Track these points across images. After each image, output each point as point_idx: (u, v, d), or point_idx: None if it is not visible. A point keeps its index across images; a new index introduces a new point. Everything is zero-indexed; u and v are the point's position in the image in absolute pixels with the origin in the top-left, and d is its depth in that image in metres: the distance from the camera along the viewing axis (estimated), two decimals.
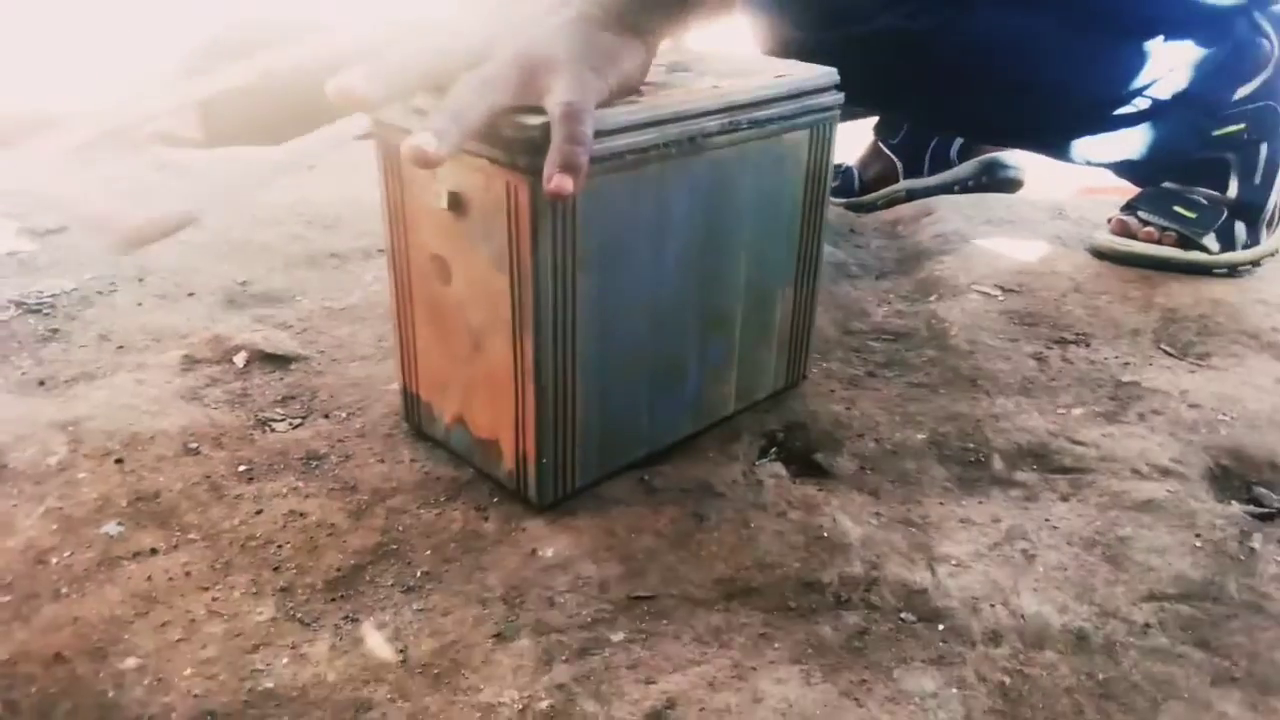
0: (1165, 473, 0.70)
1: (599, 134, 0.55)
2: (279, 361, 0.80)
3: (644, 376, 0.66)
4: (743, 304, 0.70)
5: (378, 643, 0.54)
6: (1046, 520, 0.66)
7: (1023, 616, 0.57)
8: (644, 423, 0.67)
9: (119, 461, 0.66)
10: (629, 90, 0.61)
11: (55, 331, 0.84)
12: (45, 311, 0.87)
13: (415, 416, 0.70)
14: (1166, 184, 1.05)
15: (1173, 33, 0.95)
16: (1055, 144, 1.06)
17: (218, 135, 1.39)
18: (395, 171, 0.62)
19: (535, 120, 0.54)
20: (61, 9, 1.81)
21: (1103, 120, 1.01)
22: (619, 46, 0.60)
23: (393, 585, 0.58)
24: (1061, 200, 1.25)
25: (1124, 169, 1.07)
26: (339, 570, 0.58)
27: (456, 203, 0.59)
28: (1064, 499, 0.68)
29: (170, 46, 1.57)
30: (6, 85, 1.45)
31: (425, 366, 0.67)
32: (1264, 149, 1.01)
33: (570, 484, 0.64)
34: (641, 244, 0.62)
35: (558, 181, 0.51)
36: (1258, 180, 1.01)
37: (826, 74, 0.70)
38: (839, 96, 0.70)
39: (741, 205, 0.67)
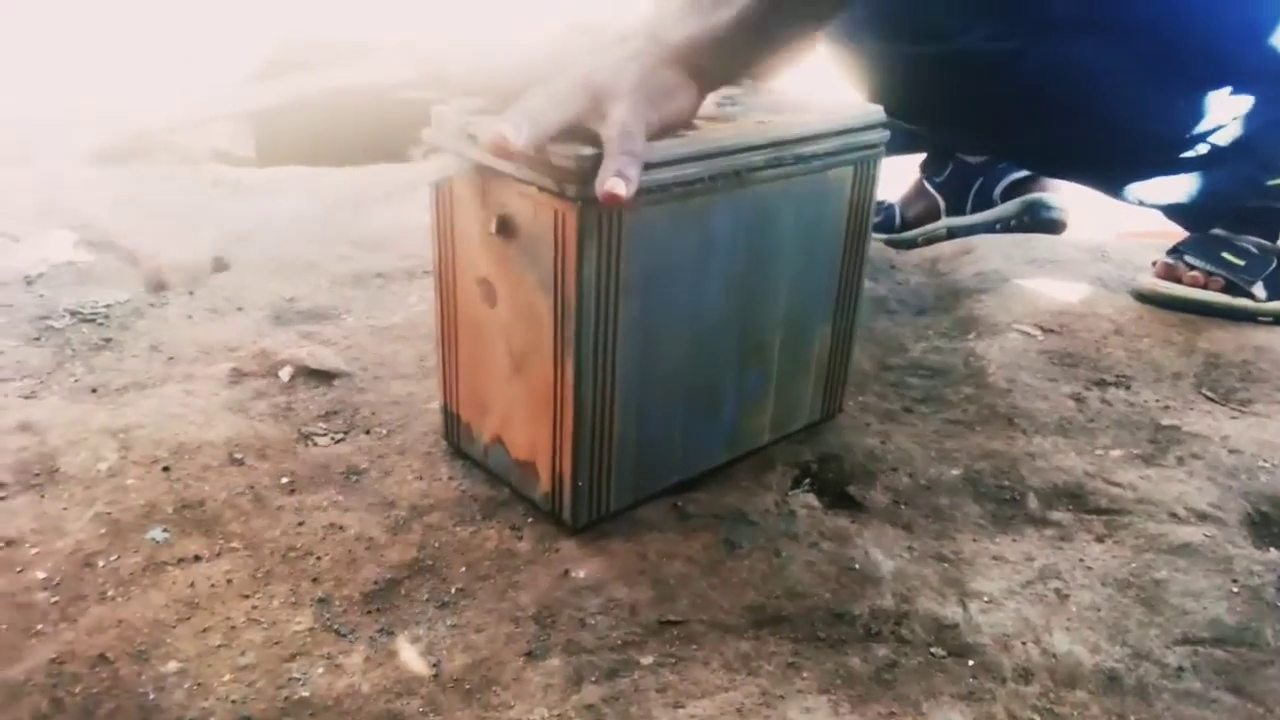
0: (1203, 517, 0.69)
1: (648, 166, 0.56)
2: (323, 377, 0.82)
3: (681, 403, 0.66)
4: (781, 335, 0.71)
5: (411, 656, 0.54)
6: (1081, 560, 0.65)
7: (1054, 655, 0.57)
8: (680, 449, 0.68)
9: (166, 469, 0.68)
10: (679, 126, 0.62)
11: (108, 341, 0.86)
12: (99, 321, 0.89)
13: (455, 435, 0.71)
14: (1215, 230, 1.04)
15: (1241, 85, 0.95)
16: (1113, 181, 1.06)
17: (270, 155, 1.42)
18: (447, 195, 0.64)
19: (586, 151, 0.55)
20: (124, 25, 1.86)
21: (1163, 162, 1.01)
22: (675, 85, 0.62)
23: (428, 600, 0.59)
24: (1104, 242, 1.25)
25: (1175, 212, 1.07)
26: (376, 584, 0.59)
27: (506, 227, 0.60)
28: (1099, 540, 0.68)
29: (229, 65, 1.62)
30: (72, 100, 1.49)
31: (466, 386, 0.69)
32: None
33: (605, 507, 0.65)
34: (684, 273, 0.63)
35: (611, 185, 0.53)
36: None
37: (873, 112, 0.70)
38: (885, 134, 0.71)
39: (784, 238, 0.68)
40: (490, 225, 0.60)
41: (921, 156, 1.36)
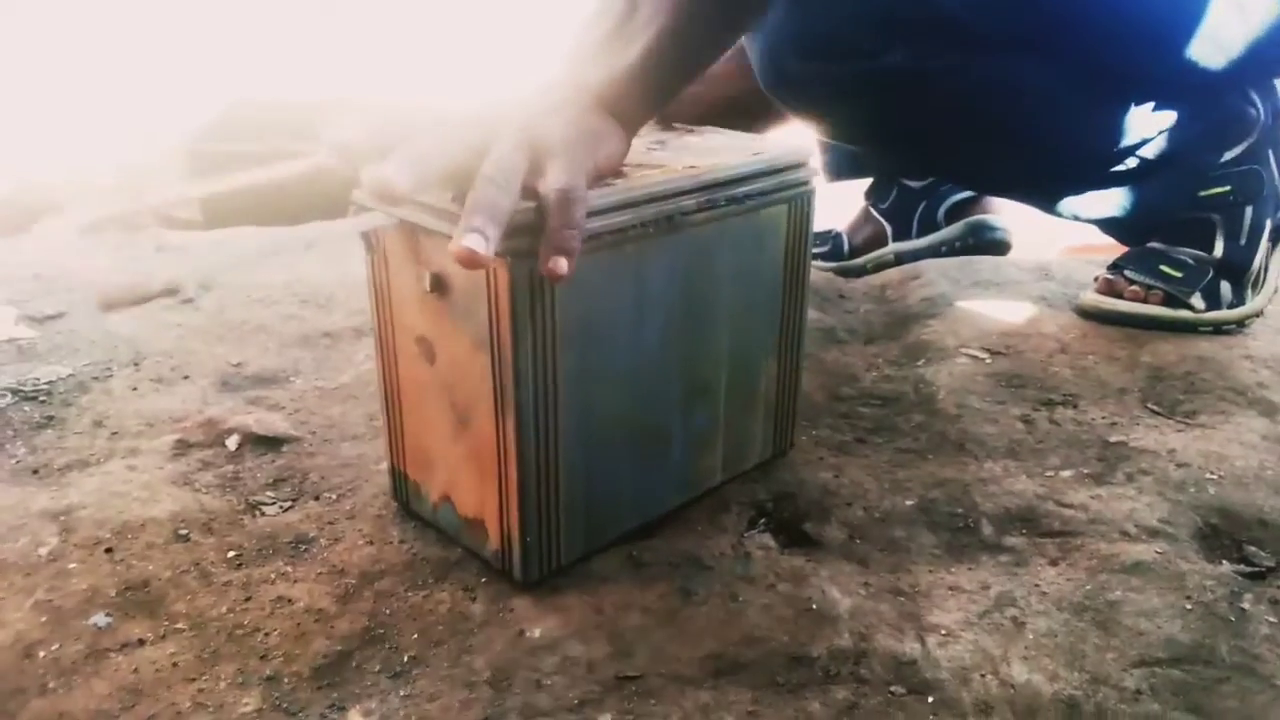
0: (1154, 534, 0.70)
1: None
2: (271, 443, 0.81)
3: (628, 450, 0.66)
4: (726, 375, 0.71)
5: None
6: (1036, 586, 0.65)
7: (1013, 686, 0.57)
8: (630, 496, 0.68)
9: (109, 551, 0.66)
10: (610, 173, 0.62)
11: (50, 419, 0.84)
12: (41, 399, 0.88)
13: (404, 494, 0.71)
14: (1153, 244, 1.06)
15: (1165, 98, 0.97)
16: (1046, 197, 1.07)
17: (216, 218, 1.41)
18: (382, 255, 0.64)
19: (521, 205, 0.55)
20: (65, 82, 1.85)
21: (1092, 177, 1.03)
22: (603, 130, 0.62)
23: (379, 671, 0.58)
24: (1048, 261, 1.27)
25: (1110, 226, 1.09)
26: (326, 657, 0.58)
27: (439, 284, 0.60)
28: (1053, 563, 0.68)
29: (176, 124, 1.61)
30: (8, 168, 1.48)
31: (412, 445, 0.68)
32: (1249, 211, 1.02)
33: (556, 561, 0.64)
34: (621, 320, 0.63)
35: (553, 264, 0.53)
36: (1243, 241, 1.02)
37: (802, 150, 0.71)
38: (816, 171, 0.72)
39: (721, 279, 0.68)
40: (425, 283, 0.60)
41: (867, 183, 1.38)
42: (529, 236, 0.55)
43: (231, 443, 0.80)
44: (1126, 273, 1.04)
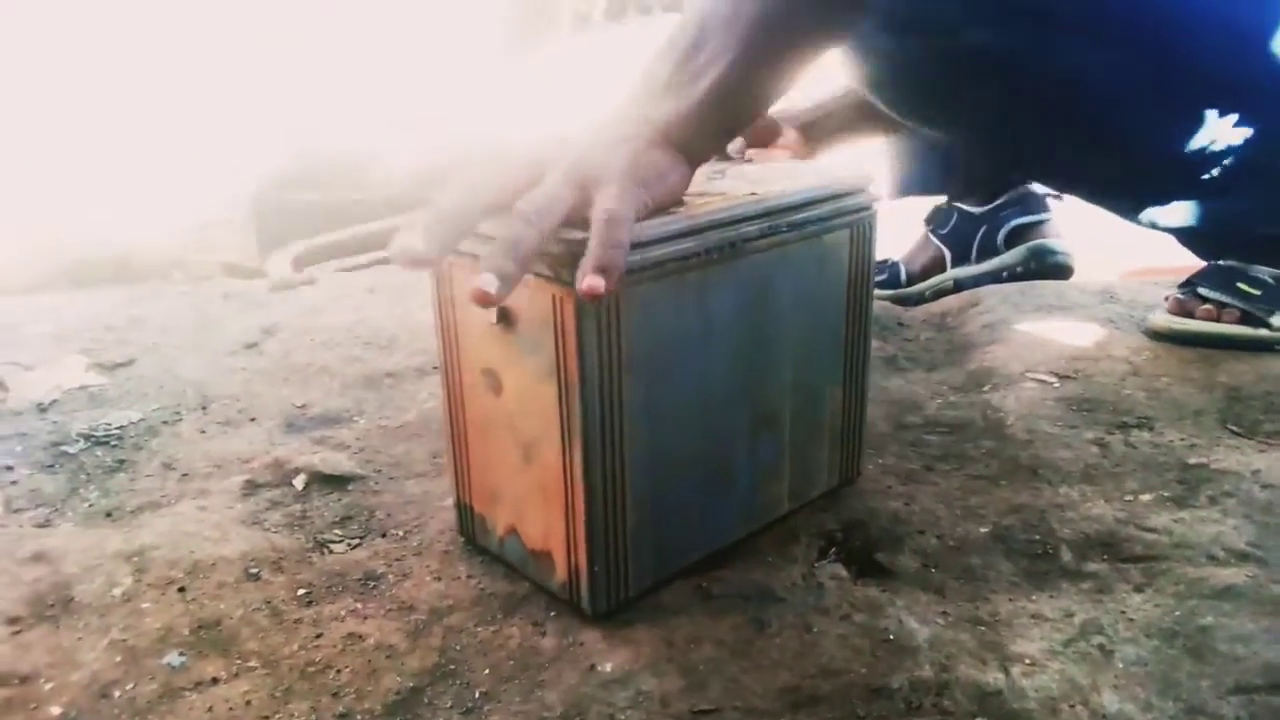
0: (1243, 557, 0.67)
1: (643, 244, 0.56)
2: (337, 482, 0.81)
3: (695, 480, 0.65)
4: (791, 403, 0.70)
5: None
6: (1122, 612, 0.63)
7: (1105, 717, 0.55)
8: (697, 526, 0.67)
9: (181, 590, 0.67)
10: (671, 204, 0.62)
11: (122, 462, 0.86)
12: (113, 443, 0.89)
13: (470, 529, 0.70)
14: (1227, 261, 1.03)
15: (1250, 109, 0.94)
16: (1124, 200, 1.03)
17: (273, 245, 1.44)
18: (448, 290, 0.64)
19: (578, 235, 0.55)
20: (131, 136, 1.90)
21: (1175, 184, 0.99)
22: (665, 164, 0.62)
23: (451, 707, 0.57)
24: (1111, 283, 1.24)
25: (1188, 237, 1.04)
26: (398, 694, 0.58)
27: (505, 317, 0.60)
28: (1138, 589, 0.65)
29: (241, 176, 1.65)
30: (76, 223, 1.52)
31: (478, 479, 0.68)
32: None
33: (625, 592, 0.63)
34: (687, 349, 0.62)
35: (589, 282, 0.52)
36: None
37: (863, 175, 0.71)
38: (876, 197, 0.71)
39: (785, 306, 0.67)
40: (491, 315, 0.60)
41: (925, 211, 1.37)
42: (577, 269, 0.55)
43: (298, 482, 0.81)
44: (1200, 290, 1.01)
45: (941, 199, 1.35)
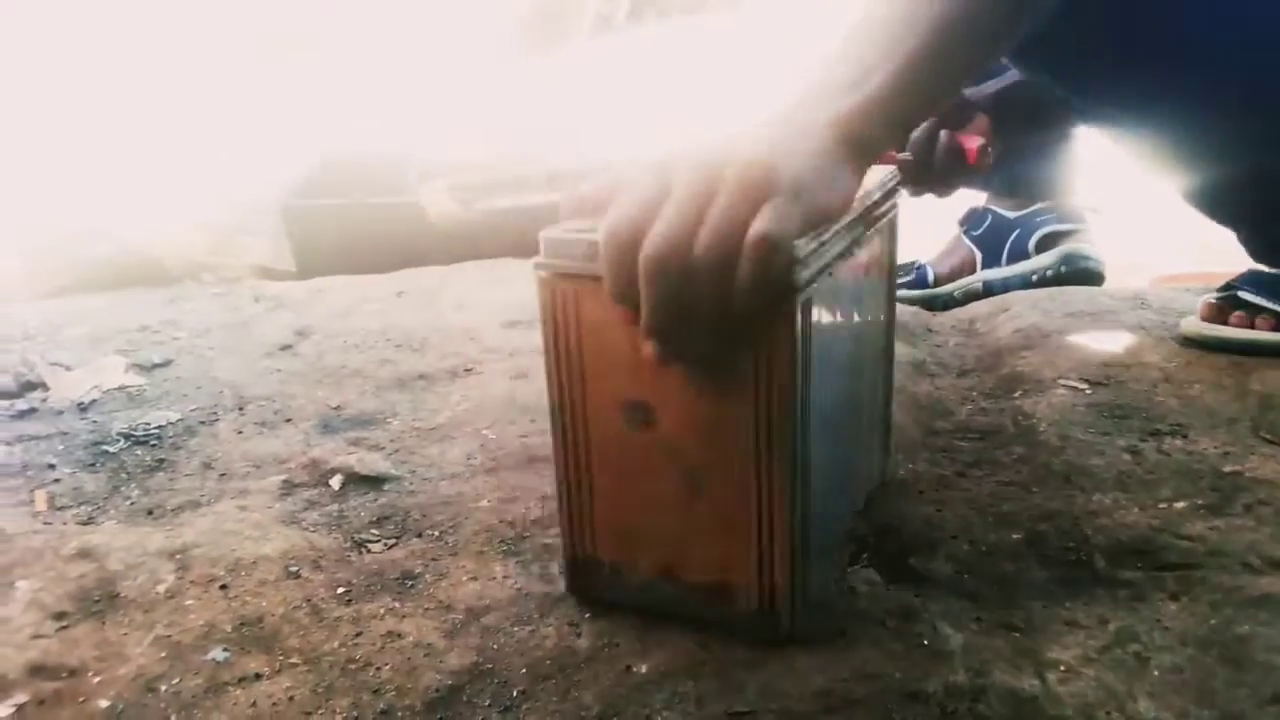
0: (1279, 566, 0.67)
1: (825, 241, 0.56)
2: (373, 483, 0.82)
3: (836, 486, 0.66)
4: (866, 406, 0.71)
5: None
6: (1158, 620, 0.63)
7: None
8: (835, 532, 0.68)
9: (224, 587, 0.68)
10: (840, 213, 0.59)
11: (161, 461, 0.87)
12: (152, 443, 0.91)
13: (590, 581, 0.65)
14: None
15: None
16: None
17: (310, 267, 1.45)
18: (571, 320, 0.58)
19: (800, 241, 0.53)
20: (158, 142, 1.93)
21: None
22: (835, 170, 0.57)
23: (490, 705, 0.58)
24: (1143, 289, 1.24)
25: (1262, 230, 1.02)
26: (437, 691, 0.59)
27: None
28: (1174, 598, 0.65)
29: (268, 182, 1.66)
30: (107, 229, 1.54)
31: (610, 525, 0.63)
32: None
33: (807, 608, 0.62)
34: (833, 351, 0.61)
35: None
36: None
37: (891, 172, 0.70)
38: (899, 194, 0.72)
39: (863, 308, 0.68)
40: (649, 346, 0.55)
41: (961, 213, 1.37)
42: (807, 268, 0.54)
43: (335, 482, 0.82)
44: (1241, 293, 1.00)
45: (978, 199, 1.35)
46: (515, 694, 0.59)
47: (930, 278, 1.35)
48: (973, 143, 1.01)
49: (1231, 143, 0.92)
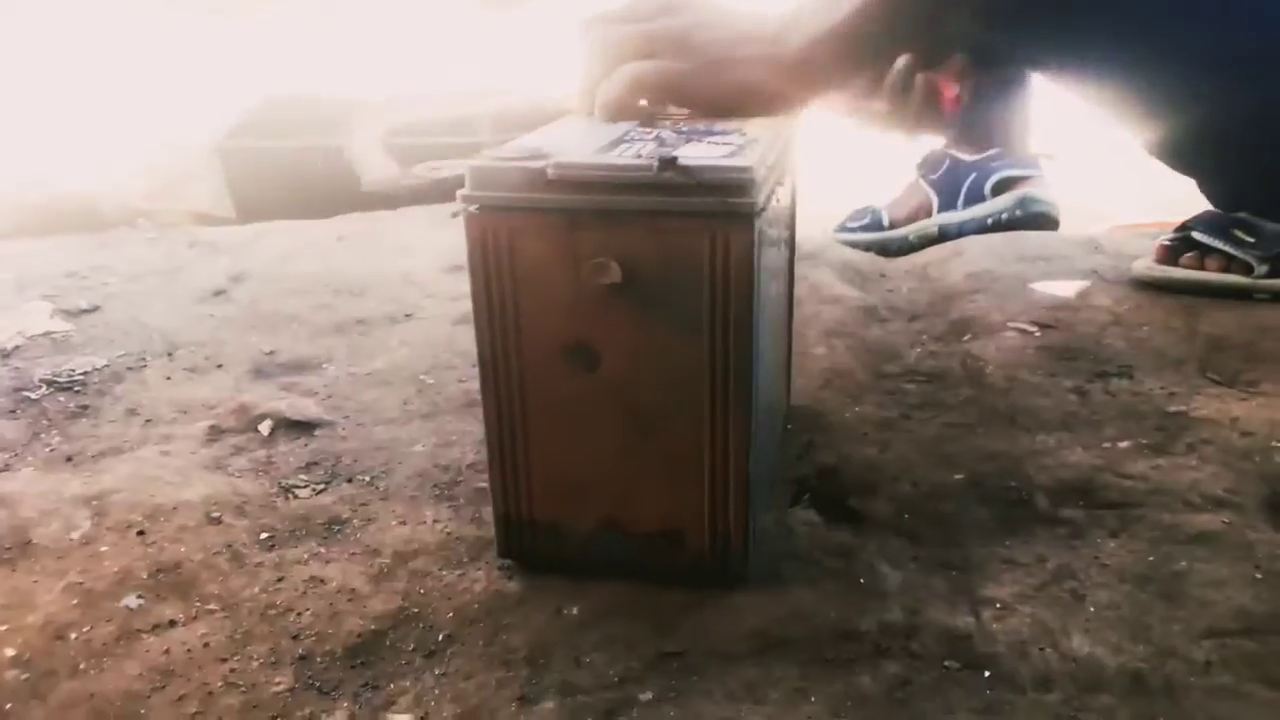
0: (1219, 504, 0.67)
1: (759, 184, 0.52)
2: (304, 428, 0.79)
3: (770, 424, 0.64)
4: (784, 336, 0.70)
5: (398, 710, 0.52)
6: (1096, 558, 0.62)
7: (1074, 660, 0.54)
8: (767, 472, 0.66)
9: (141, 534, 0.65)
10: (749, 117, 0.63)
11: (85, 408, 0.84)
12: (76, 389, 0.87)
13: (525, 545, 0.61)
14: (1240, 214, 1.00)
15: None
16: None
17: (251, 212, 1.41)
18: (504, 259, 0.54)
19: (743, 161, 0.51)
20: (90, 84, 1.86)
21: None
22: (767, 87, 0.64)
23: (414, 650, 0.56)
24: (1097, 235, 1.23)
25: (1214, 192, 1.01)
26: (359, 637, 0.57)
27: (630, 274, 0.53)
28: (1113, 535, 0.65)
29: (206, 124, 1.61)
30: (38, 173, 1.49)
31: (549, 480, 0.59)
32: None
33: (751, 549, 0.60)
34: (770, 282, 0.59)
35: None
36: None
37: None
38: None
39: (781, 236, 0.67)
40: (602, 277, 0.52)
41: (919, 156, 1.35)
42: (752, 196, 0.50)
43: (264, 428, 0.79)
44: (1195, 234, 0.99)
45: (937, 144, 1.33)
46: (441, 638, 0.57)
47: (885, 222, 1.33)
48: (950, 90, 0.99)
49: (1190, 94, 0.90)
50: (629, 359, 0.55)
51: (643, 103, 0.65)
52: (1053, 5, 0.84)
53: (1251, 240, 0.97)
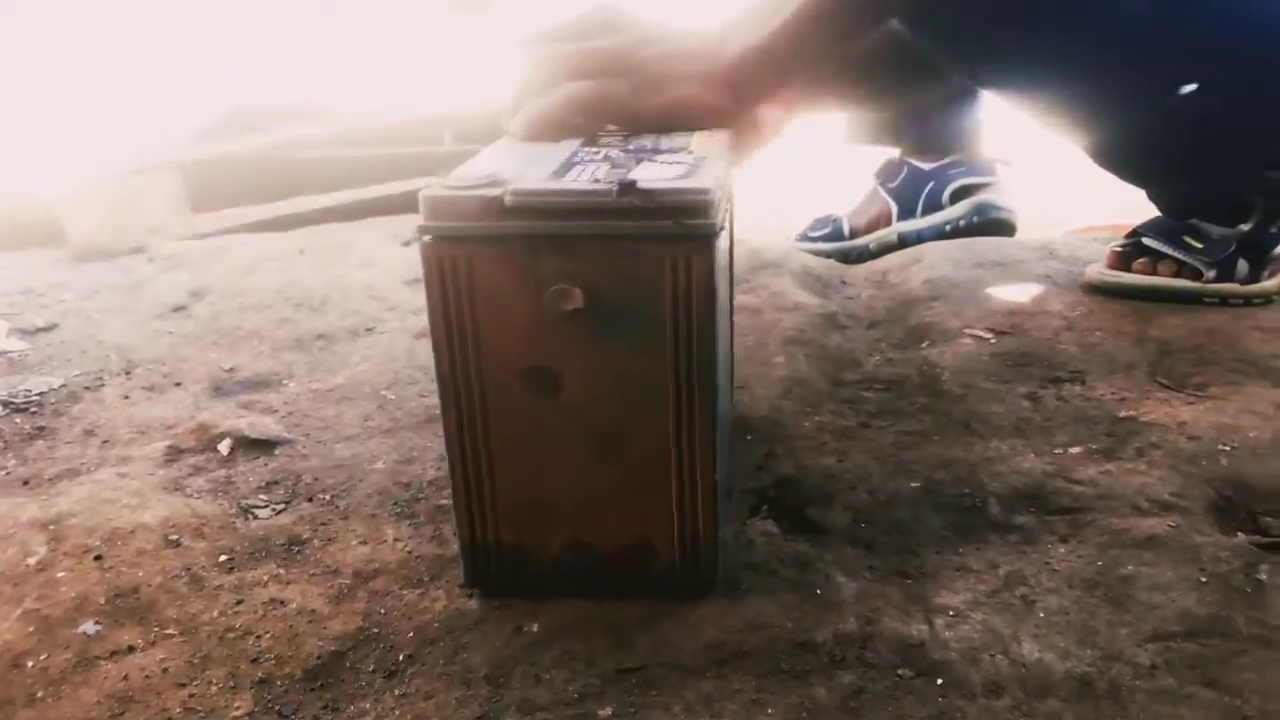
0: (1166, 507, 0.68)
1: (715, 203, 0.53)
2: (264, 447, 0.79)
3: (724, 432, 0.64)
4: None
5: None
6: (1046, 563, 0.64)
7: (1024, 665, 0.55)
8: (723, 481, 0.66)
9: (98, 558, 0.65)
10: (691, 129, 0.65)
11: (41, 429, 0.83)
12: (32, 410, 0.87)
13: (492, 570, 0.61)
14: (1191, 220, 1.02)
15: None
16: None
17: (204, 203, 1.40)
18: (462, 287, 0.54)
19: (701, 183, 0.51)
20: (57, 95, 1.84)
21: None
22: (706, 99, 0.66)
23: (374, 671, 0.56)
24: (1051, 240, 1.25)
25: (1162, 198, 1.04)
26: (319, 658, 0.57)
27: (591, 299, 0.53)
28: (1063, 540, 0.66)
29: (171, 134, 1.60)
30: (4, 186, 1.47)
31: (513, 502, 0.59)
32: None
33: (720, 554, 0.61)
34: (724, 293, 0.60)
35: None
36: (1275, 230, 0.99)
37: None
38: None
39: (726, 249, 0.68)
40: (564, 303, 0.52)
41: (874, 167, 1.36)
42: (712, 217, 0.51)
43: (224, 447, 0.79)
44: (1145, 240, 1.01)
45: (894, 153, 1.35)
46: (401, 658, 0.57)
47: (846, 230, 1.35)
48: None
49: (1134, 105, 0.92)
50: (591, 381, 0.55)
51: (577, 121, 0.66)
52: (1008, 23, 0.86)
53: (1200, 246, 0.99)
